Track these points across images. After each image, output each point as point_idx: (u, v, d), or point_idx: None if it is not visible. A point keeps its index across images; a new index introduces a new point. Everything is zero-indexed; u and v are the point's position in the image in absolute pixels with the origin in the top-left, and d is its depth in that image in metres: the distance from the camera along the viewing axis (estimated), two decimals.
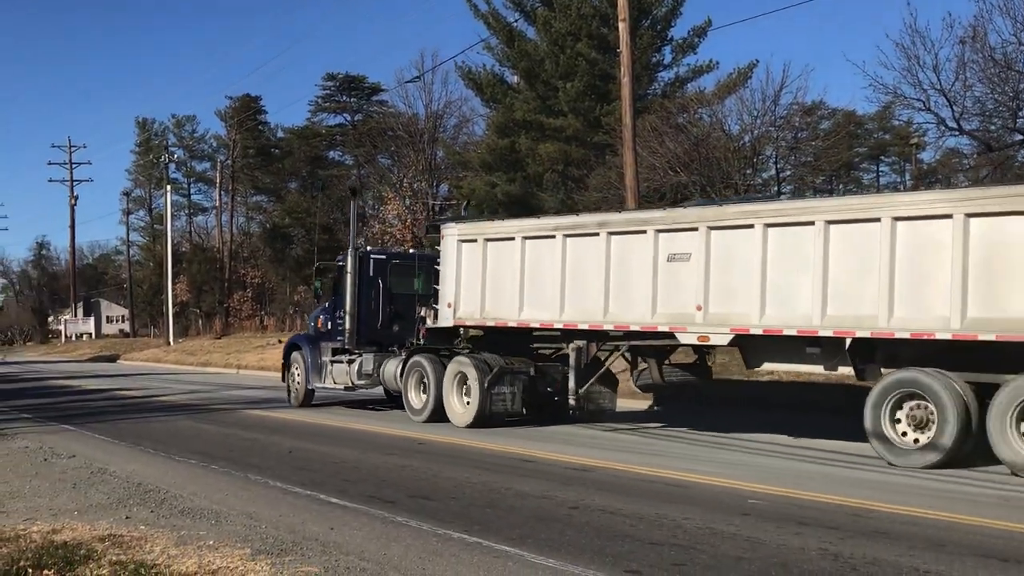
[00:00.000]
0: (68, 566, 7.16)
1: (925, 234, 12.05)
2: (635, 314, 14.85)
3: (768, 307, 13.33)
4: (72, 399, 25.32)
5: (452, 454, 13.27)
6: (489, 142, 45.72)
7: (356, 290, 19.63)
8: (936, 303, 11.89)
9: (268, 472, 11.80)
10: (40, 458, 13.18)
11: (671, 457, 13.06)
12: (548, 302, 15.91)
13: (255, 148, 75.97)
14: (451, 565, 7.32)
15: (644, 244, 14.71)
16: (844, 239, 12.71)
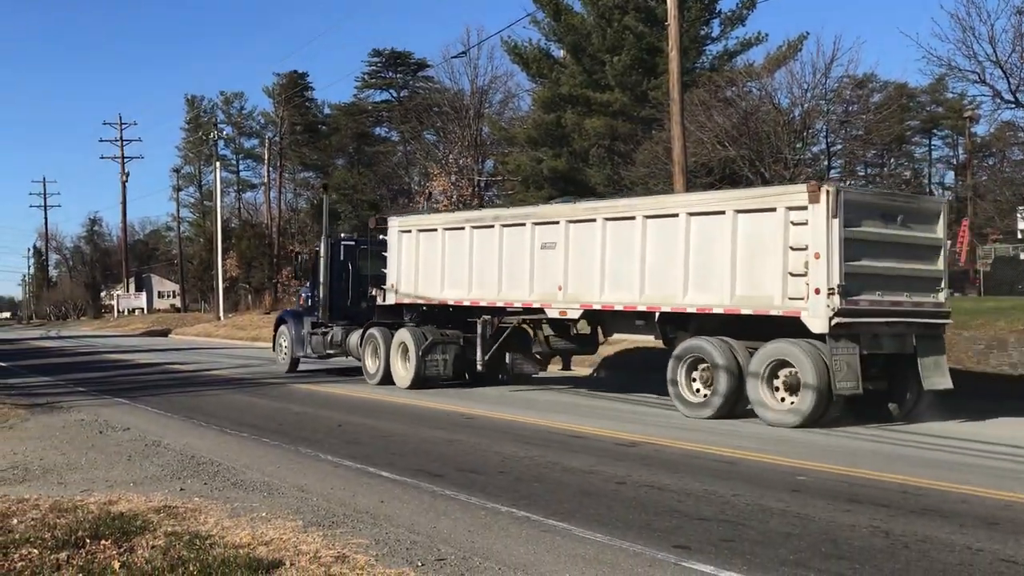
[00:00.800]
0: (124, 536, 7.31)
1: (708, 228, 14.61)
2: (519, 293, 17.70)
3: (606, 287, 16.11)
4: (125, 373, 25.78)
5: (500, 429, 13.33)
6: (535, 117, 45.59)
7: (329, 272, 22.36)
8: (715, 284, 14.47)
9: (318, 445, 11.95)
10: (95, 431, 13.46)
11: (718, 434, 13.01)
12: (461, 283, 18.85)
13: (302, 125, 76.44)
14: (500, 539, 7.38)
15: (525, 235, 17.55)
16: (657, 232, 15.39)
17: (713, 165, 33.71)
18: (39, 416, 15.27)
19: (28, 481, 9.75)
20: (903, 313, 14.04)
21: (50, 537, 7.23)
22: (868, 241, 13.75)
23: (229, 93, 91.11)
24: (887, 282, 13.93)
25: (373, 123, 74.22)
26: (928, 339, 14.23)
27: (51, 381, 22.85)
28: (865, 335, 13.64)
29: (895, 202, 14.69)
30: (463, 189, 53.78)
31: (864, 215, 13.79)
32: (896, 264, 14.06)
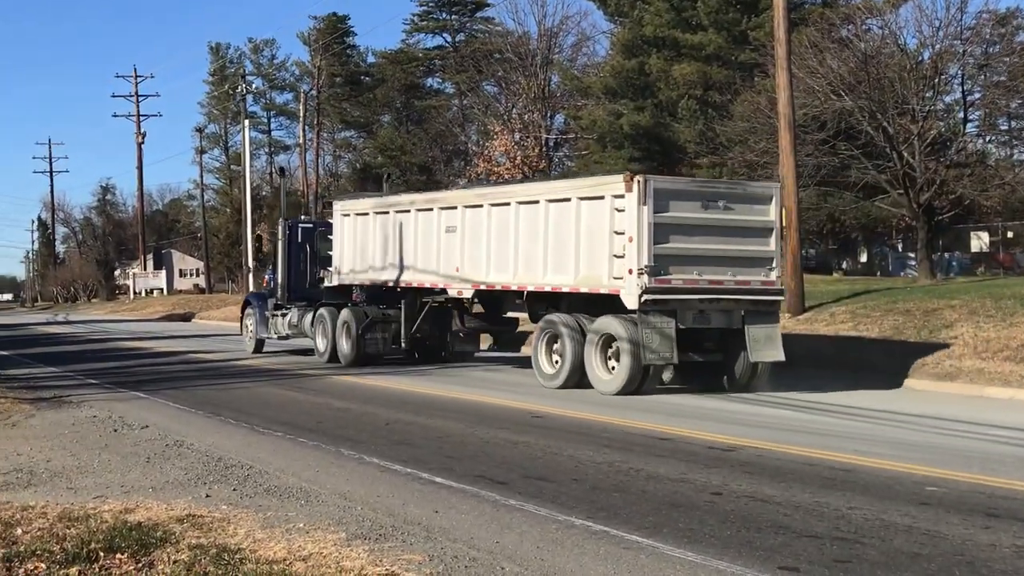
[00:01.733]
0: (143, 550, 7.46)
1: (561, 214, 17.97)
2: (429, 275, 21.25)
3: (491, 269, 19.60)
4: (143, 363, 26.30)
5: (573, 429, 13.35)
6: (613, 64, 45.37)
7: (287, 254, 26.07)
8: (566, 266, 17.86)
9: (363, 446, 12.08)
10: (109, 428, 13.75)
11: (830, 436, 12.88)
12: (390, 265, 22.39)
13: (343, 76, 77.01)
14: (574, 556, 7.38)
15: (434, 219, 21.15)
16: (526, 217, 18.72)
17: (826, 118, 33.28)
18: (45, 412, 15.64)
19: (34, 486, 9.99)
20: (726, 291, 17.02)
21: (59, 550, 7.39)
22: (681, 225, 16.87)
23: (259, 40, 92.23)
24: (707, 262, 17.03)
25: (424, 73, 74.48)
26: (758, 314, 17.23)
27: (59, 372, 23.40)
28: (683, 310, 16.83)
29: (716, 188, 17.95)
30: (528, 149, 53.79)
31: (676, 202, 16.91)
32: (717, 245, 17.11)
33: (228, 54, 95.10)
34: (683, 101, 41.17)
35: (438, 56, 72.56)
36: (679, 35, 41.88)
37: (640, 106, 42.16)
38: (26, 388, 19.49)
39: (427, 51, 73.80)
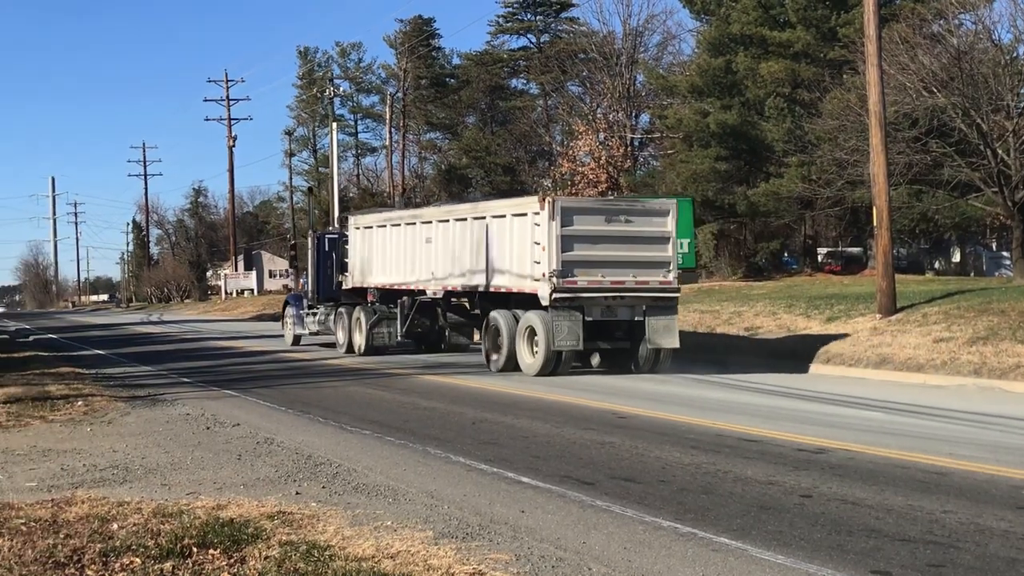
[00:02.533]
0: (235, 545, 7.58)
1: (500, 227, 21.60)
2: (415, 278, 24.78)
3: (454, 274, 23.21)
4: (234, 362, 26.75)
5: (660, 430, 13.26)
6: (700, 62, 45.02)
7: (316, 261, 30.18)
8: (504, 270, 21.38)
9: (449, 446, 12.14)
10: (202, 426, 14.01)
11: (921, 438, 12.65)
12: (388, 270, 26.19)
13: (428, 78, 77.49)
14: (661, 558, 7.34)
15: (417, 232, 24.82)
16: (478, 230, 22.26)
17: (918, 115, 32.67)
18: (140, 410, 16.00)
19: (129, 482, 10.21)
20: (627, 289, 20.38)
21: (154, 545, 7.54)
22: (585, 236, 20.29)
23: (346, 44, 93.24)
24: (610, 265, 20.40)
25: (509, 74, 74.62)
26: (657, 308, 20.48)
27: (153, 371, 23.90)
28: (590, 306, 20.22)
29: (618, 205, 21.92)
30: (613, 149, 53.60)
31: (581, 216, 20.48)
32: (619, 252, 20.52)
33: (316, 58, 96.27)
34: (771, 99, 40.71)
35: (523, 57, 72.62)
36: (767, 32, 41.42)
37: (727, 104, 41.77)
38: (121, 387, 19.95)
39: (512, 52, 73.94)
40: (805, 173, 39.05)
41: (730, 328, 26.01)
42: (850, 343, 21.94)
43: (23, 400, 17.07)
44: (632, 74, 55.09)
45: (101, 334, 46.12)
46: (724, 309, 28.27)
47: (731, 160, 42.83)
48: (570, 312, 19.94)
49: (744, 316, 26.87)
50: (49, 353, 31.39)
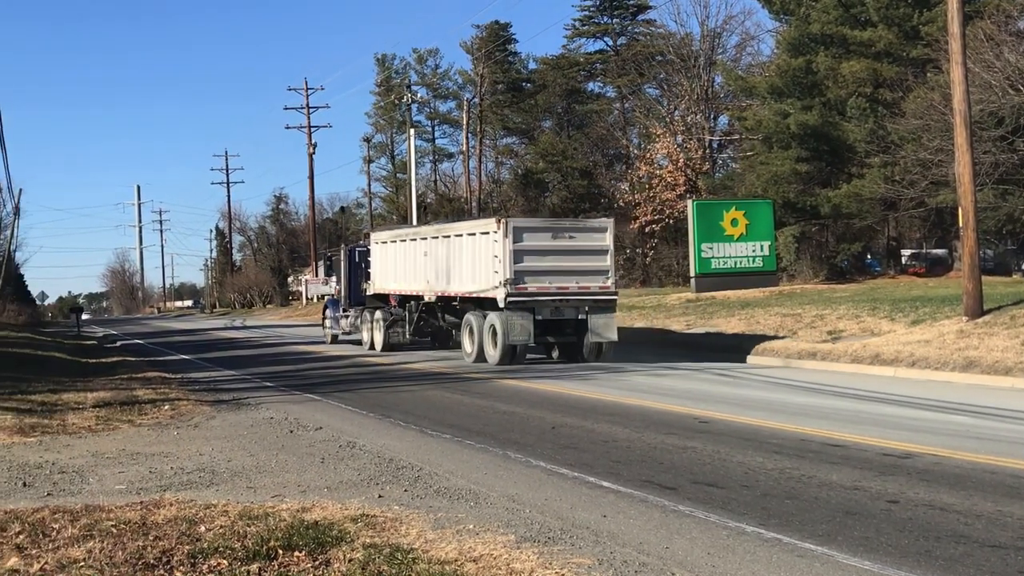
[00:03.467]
0: (319, 548, 7.66)
1: (470, 243, 25.65)
2: (417, 286, 29.04)
3: (442, 282, 27.34)
4: (315, 366, 27.05)
5: (742, 435, 13.15)
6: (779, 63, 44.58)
7: (348, 271, 34.62)
8: (474, 279, 25.34)
9: (529, 450, 12.16)
10: (285, 430, 14.19)
11: (1011, 443, 12.39)
12: (399, 279, 30.42)
13: (504, 83, 77.60)
14: (745, 563, 7.28)
15: (418, 246, 29.11)
16: (457, 246, 26.36)
17: (1004, 114, 32.02)
18: (225, 414, 16.26)
19: (215, 485, 10.38)
20: (571, 294, 24.27)
21: (240, 547, 7.66)
22: (534, 250, 24.28)
23: (423, 51, 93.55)
24: (557, 274, 24.32)
25: (585, 78, 74.50)
26: (598, 309, 24.32)
27: (236, 375, 24.27)
28: (540, 307, 24.18)
29: (562, 224, 26.54)
30: (691, 151, 53.28)
31: (531, 234, 24.49)
32: (564, 263, 24.40)
33: (394, 65, 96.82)
34: (852, 99, 40.13)
35: (599, 60, 72.45)
36: (847, 32, 40.86)
37: (807, 105, 41.27)
38: (207, 391, 20.28)
39: (588, 55, 73.76)
40: (888, 174, 38.43)
41: (812, 332, 25.69)
42: (936, 346, 21.55)
43: (112, 404, 17.46)
44: (710, 76, 54.74)
45: (186, 339, 46.94)
46: (806, 312, 27.93)
47: (812, 161, 42.28)
48: (522, 313, 24.01)
49: (826, 319, 26.53)
50: (136, 358, 32.06)
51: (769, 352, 24.80)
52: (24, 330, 54.60)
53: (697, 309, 33.31)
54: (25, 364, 27.50)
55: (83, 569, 7.16)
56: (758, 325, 27.80)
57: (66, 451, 12.69)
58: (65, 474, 11.10)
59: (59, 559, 7.43)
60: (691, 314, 32.41)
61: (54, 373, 25.30)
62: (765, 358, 24.42)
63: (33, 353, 33.37)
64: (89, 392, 19.67)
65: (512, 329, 23.82)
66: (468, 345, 25.87)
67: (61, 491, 10.19)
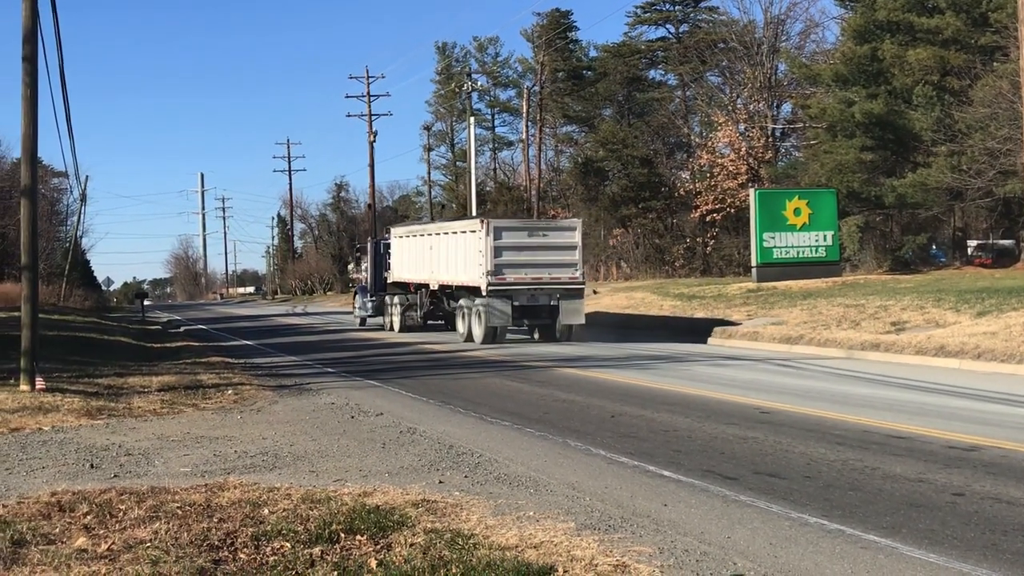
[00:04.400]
0: (381, 532, 7.73)
1: (466, 239, 29.47)
2: (424, 276, 33.31)
3: (443, 272, 31.33)
4: (375, 353, 27.24)
5: (803, 425, 13.04)
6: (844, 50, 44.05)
7: (374, 261, 39.36)
8: (465, 270, 29.40)
9: (589, 438, 12.16)
10: (347, 415, 14.32)
11: None
12: (412, 270, 34.57)
13: (565, 71, 77.37)
14: (808, 554, 7.23)
15: (425, 241, 33.24)
16: (454, 241, 30.53)
17: None
18: (287, 399, 16.44)
19: (278, 468, 10.50)
20: (544, 283, 28.22)
21: (303, 530, 7.75)
22: (512, 246, 28.26)
23: (483, 39, 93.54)
24: (532, 266, 28.25)
25: (647, 65, 74.05)
26: (567, 296, 28.22)
27: (298, 361, 24.51)
28: (517, 295, 27.95)
29: (536, 224, 32.63)
30: (754, 140, 52.85)
31: (509, 232, 28.66)
32: (538, 257, 28.37)
33: (454, 53, 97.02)
34: (918, 87, 39.55)
35: (661, 48, 71.95)
36: (914, 19, 40.26)
37: (873, 93, 40.72)
38: (269, 376, 20.52)
39: (650, 43, 73.25)
40: (955, 163, 37.84)
41: (876, 323, 25.39)
42: (1002, 339, 21.21)
43: (176, 388, 17.73)
44: (773, 63, 54.20)
45: (248, 325, 47.47)
46: (869, 303, 27.61)
47: (877, 150, 41.72)
48: (502, 299, 27.92)
49: (890, 310, 26.21)
50: (199, 343, 32.49)
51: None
52: (90, 315, 55.50)
53: (758, 299, 33.06)
54: (92, 348, 27.97)
55: (149, 550, 7.28)
56: (820, 316, 27.53)
57: (132, 434, 12.90)
58: (131, 456, 11.29)
59: (126, 539, 7.56)
60: (752, 304, 32.17)
61: (120, 357, 25.71)
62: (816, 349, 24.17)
63: (99, 337, 33.94)
64: (154, 376, 19.97)
65: (492, 313, 27.93)
66: (461, 326, 29.83)
67: (127, 473, 10.36)
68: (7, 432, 12.95)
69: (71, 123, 21.63)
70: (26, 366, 16.78)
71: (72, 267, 73.10)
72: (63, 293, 65.31)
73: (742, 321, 29.82)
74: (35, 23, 17.39)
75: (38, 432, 13.01)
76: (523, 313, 28.35)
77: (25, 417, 13.94)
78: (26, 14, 17.29)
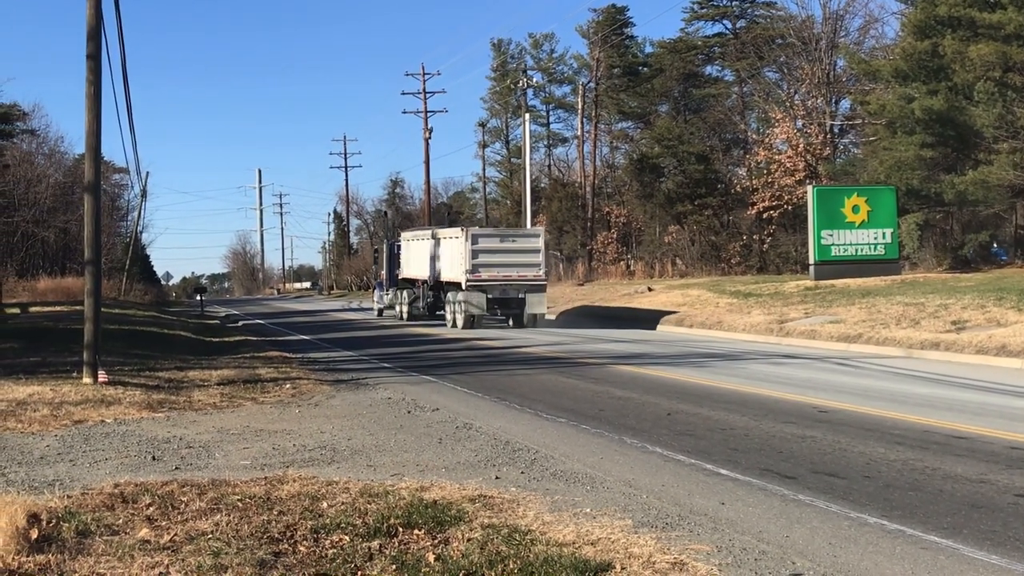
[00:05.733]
0: (438, 527, 7.77)
1: (453, 243, 36.61)
2: (425, 273, 39.50)
3: (438, 270, 38.21)
4: (431, 348, 27.37)
5: (862, 425, 12.92)
6: (904, 45, 43.45)
7: (388, 260, 45.77)
8: (452, 269, 36.43)
9: (645, 436, 12.13)
10: (403, 410, 14.40)
11: None
12: (417, 268, 40.85)
13: (620, 67, 77.14)
14: (868, 554, 7.17)
15: (426, 244, 39.88)
16: (445, 245, 37.72)
17: None
18: (344, 393, 16.57)
19: (336, 463, 10.59)
20: (513, 279, 34.51)
21: (361, 524, 7.81)
22: (486, 250, 34.68)
23: (539, 35, 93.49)
24: (502, 266, 34.62)
25: (703, 61, 73.64)
26: (533, 291, 34.62)
27: (354, 356, 24.67)
28: (490, 290, 34.32)
29: (507, 232, 38.70)
30: (812, 136, 52.36)
31: (484, 238, 35.44)
32: (508, 259, 34.84)
33: (509, 49, 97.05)
34: (980, 83, 38.93)
35: (718, 43, 71.50)
36: (976, 14, 39.63)
37: (933, 89, 40.16)
38: (326, 370, 20.68)
39: (706, 39, 72.84)
40: (1017, 160, 37.23)
41: (935, 322, 25.06)
42: None
43: (235, 382, 17.92)
44: (832, 59, 53.63)
45: (305, 320, 47.89)
46: (929, 302, 27.27)
47: (937, 147, 41.14)
48: (479, 293, 34.69)
49: (951, 309, 25.87)
50: (257, 338, 32.83)
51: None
52: (150, 309, 56.26)
53: (816, 297, 32.77)
54: (152, 342, 28.35)
55: (210, 541, 7.37)
56: (879, 314, 27.23)
57: (192, 427, 13.07)
58: (192, 449, 11.44)
59: (187, 531, 7.67)
60: (809, 302, 31.89)
61: (180, 351, 26.04)
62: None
63: (159, 331, 34.38)
64: (214, 370, 20.20)
65: (470, 304, 34.52)
66: (448, 315, 36.32)
67: (188, 465, 10.50)
68: (71, 424, 13.17)
69: (133, 120, 21.94)
70: (89, 359, 17.04)
71: (133, 262, 74.11)
72: (124, 287, 66.26)
73: (800, 317, 29.57)
74: (99, 22, 17.66)
75: (101, 424, 13.22)
76: (496, 304, 35.01)
77: (88, 409, 14.17)
78: (90, 12, 17.57)
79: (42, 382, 16.57)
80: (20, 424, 13.05)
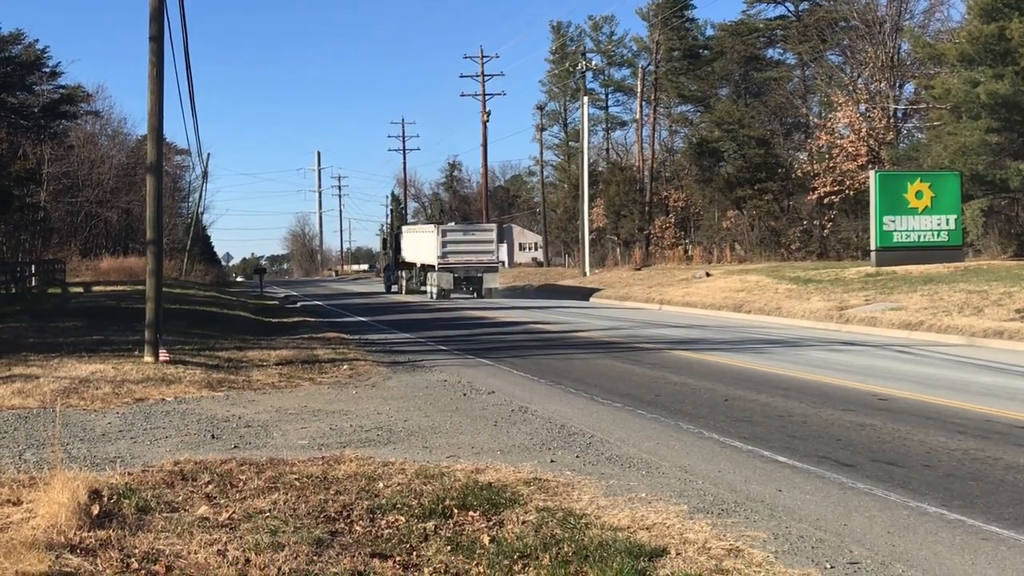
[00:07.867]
0: (493, 509, 7.80)
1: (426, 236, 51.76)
2: (418, 258, 53.36)
3: (425, 256, 51.06)
4: (487, 331, 27.41)
5: (923, 413, 12.76)
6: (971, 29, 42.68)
7: (395, 246, 59.32)
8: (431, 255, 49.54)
9: (701, 421, 12.08)
10: (459, 392, 14.46)
11: None
12: (412, 254, 54.90)
13: (680, 50, 76.59)
14: (927, 544, 7.09)
15: (417, 235, 55.07)
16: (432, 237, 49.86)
17: None
18: (401, 375, 16.67)
19: (393, 443, 10.66)
20: (473, 263, 47.75)
21: (416, 505, 7.86)
22: (454, 241, 48.09)
23: (598, 17, 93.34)
24: (466, 253, 47.94)
25: (764, 44, 72.86)
26: (487, 271, 48.03)
27: (411, 338, 24.80)
28: (456, 270, 47.70)
29: (470, 226, 53.02)
30: (875, 121, 51.67)
31: (451, 232, 49.02)
32: (470, 248, 48.04)
33: (569, 32, 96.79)
34: None
35: (780, 26, 70.71)
36: None
37: (999, 73, 39.44)
38: (383, 352, 20.81)
39: (768, 21, 72.03)
40: None
41: (999, 310, 24.67)
42: None
43: (294, 363, 18.10)
44: (896, 42, 52.84)
45: (362, 302, 48.21)
46: (993, 289, 26.84)
47: (1003, 132, 40.43)
48: (448, 273, 46.98)
49: (1015, 297, 25.44)
50: (315, 319, 33.10)
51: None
52: (210, 289, 56.92)
53: (877, 283, 32.38)
54: (212, 322, 28.69)
55: (268, 519, 7.46)
56: (941, 302, 26.86)
57: (251, 406, 13.22)
58: (250, 428, 11.58)
59: (245, 509, 7.76)
60: (870, 289, 31.52)
61: (239, 331, 26.33)
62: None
63: (219, 311, 34.78)
64: (272, 350, 20.40)
65: (441, 280, 47.16)
66: (428, 289, 49.27)
67: (247, 444, 10.62)
68: (132, 402, 13.37)
69: (194, 101, 22.20)
70: (150, 338, 17.28)
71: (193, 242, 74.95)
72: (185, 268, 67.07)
73: (860, 305, 29.24)
74: (162, 3, 17.84)
75: (161, 403, 13.42)
76: (462, 281, 47.64)
77: (149, 388, 14.38)
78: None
79: (104, 360, 16.82)
80: (83, 401, 13.29)
